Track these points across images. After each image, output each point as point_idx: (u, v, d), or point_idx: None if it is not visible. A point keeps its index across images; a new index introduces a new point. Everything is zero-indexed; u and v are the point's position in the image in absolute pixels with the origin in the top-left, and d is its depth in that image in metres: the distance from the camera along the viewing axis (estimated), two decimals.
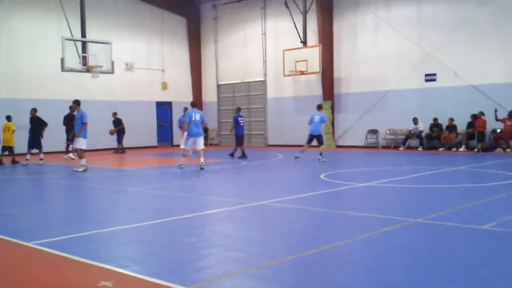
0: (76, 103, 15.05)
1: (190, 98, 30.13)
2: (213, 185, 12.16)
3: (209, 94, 30.06)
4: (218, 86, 29.55)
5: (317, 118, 16.84)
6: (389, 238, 5.99)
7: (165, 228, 6.93)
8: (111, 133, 22.38)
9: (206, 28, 30.08)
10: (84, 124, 14.58)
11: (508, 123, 19.05)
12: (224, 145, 28.13)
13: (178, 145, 22.75)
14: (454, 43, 21.09)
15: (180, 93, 29.29)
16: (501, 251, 5.36)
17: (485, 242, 5.79)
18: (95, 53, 20.81)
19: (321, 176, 12.26)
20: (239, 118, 18.90)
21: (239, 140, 18.78)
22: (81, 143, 14.68)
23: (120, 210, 8.81)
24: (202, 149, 14.84)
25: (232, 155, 18.90)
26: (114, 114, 23.42)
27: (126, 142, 23.44)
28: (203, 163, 14.54)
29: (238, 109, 19.87)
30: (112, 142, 23.57)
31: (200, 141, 14.82)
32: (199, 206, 8.68)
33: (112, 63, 21.45)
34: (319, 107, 17.64)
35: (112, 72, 21.80)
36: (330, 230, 6.70)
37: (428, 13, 21.98)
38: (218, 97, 29.61)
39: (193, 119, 14.67)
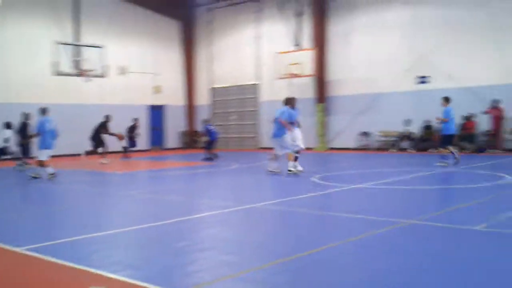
0: (41, 111, 13.58)
1: (183, 102, 30.13)
2: (204, 188, 12.12)
3: (203, 98, 30.03)
4: (212, 89, 29.53)
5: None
6: (383, 240, 5.98)
7: (156, 232, 6.89)
8: (120, 137, 21.66)
9: (200, 32, 30.06)
10: (38, 133, 13.35)
11: (494, 113, 19.21)
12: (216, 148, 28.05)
13: (171, 148, 22.71)
14: (447, 45, 21.16)
15: (173, 96, 29.28)
16: (493, 252, 5.36)
17: (477, 242, 5.79)
18: (88, 57, 20.77)
19: (313, 179, 12.26)
20: (209, 127, 20.35)
21: (211, 144, 19.99)
22: (41, 154, 13.33)
23: (110, 214, 8.77)
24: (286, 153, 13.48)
25: (210, 159, 19.47)
26: (135, 120, 23.22)
27: (116, 146, 23.21)
28: (292, 168, 13.13)
29: (206, 120, 21.27)
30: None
31: (282, 143, 13.64)
32: (191, 210, 8.65)
33: (105, 67, 21.41)
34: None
35: (105, 76, 21.75)
36: (323, 232, 6.69)
37: (421, 15, 22.05)
38: (212, 101, 29.58)
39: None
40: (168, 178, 14.69)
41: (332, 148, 24.51)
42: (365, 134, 23.73)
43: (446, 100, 14.92)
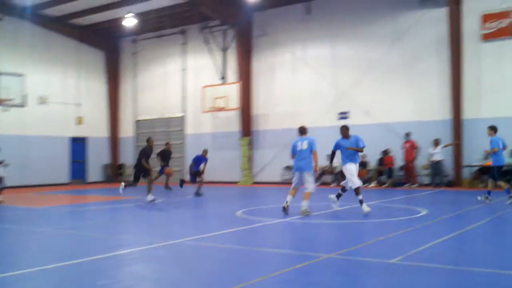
0: None
1: (107, 133, 29.45)
2: (126, 223, 11.83)
3: (127, 130, 29.55)
4: (137, 121, 29.15)
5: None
6: (301, 275, 6.06)
7: (75, 271, 6.62)
8: (169, 173, 19.28)
9: (125, 62, 29.78)
10: None
11: (407, 145, 20.16)
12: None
13: (93, 182, 22.01)
14: (366, 82, 22.21)
15: (96, 128, 28.64)
16: (406, 284, 5.56)
17: (393, 275, 5.99)
18: (6, 86, 20.00)
19: (237, 213, 12.28)
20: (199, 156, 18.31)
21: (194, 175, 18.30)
22: None
23: (25, 252, 8.34)
24: (309, 191, 11.68)
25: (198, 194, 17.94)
26: (167, 144, 20.89)
27: (36, 179, 22.24)
28: (304, 210, 11.50)
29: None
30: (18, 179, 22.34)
31: (308, 178, 11.69)
32: (112, 246, 8.40)
33: (25, 96, 20.66)
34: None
35: (24, 106, 20.96)
36: (244, 268, 6.69)
37: (340, 53, 23.07)
38: (136, 133, 29.16)
39: (299, 148, 11.84)
40: (88, 213, 14.22)
41: (257, 182, 24.72)
42: (289, 168, 24.11)
43: (493, 129, 13.59)
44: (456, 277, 5.88)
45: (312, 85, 23.74)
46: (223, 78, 25.35)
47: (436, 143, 19.62)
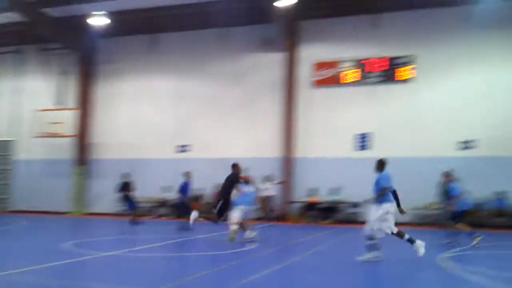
0: None
1: None
2: None
3: None
4: None
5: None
6: None
7: None
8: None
9: None
10: None
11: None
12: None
13: None
14: (208, 117, 22.75)
15: None
16: None
17: None
18: None
19: (66, 245, 11.67)
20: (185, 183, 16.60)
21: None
22: None
23: None
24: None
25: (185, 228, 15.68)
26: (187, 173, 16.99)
27: None
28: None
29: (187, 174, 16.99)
30: None
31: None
32: None
33: None
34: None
35: None
36: None
37: (185, 88, 23.42)
38: None
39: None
40: None
41: (92, 213, 23.71)
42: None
43: (448, 176, 13.18)
44: None
45: (154, 117, 23.66)
46: (61, 103, 24.16)
47: (267, 179, 20.59)
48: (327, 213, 20.46)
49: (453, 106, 19.78)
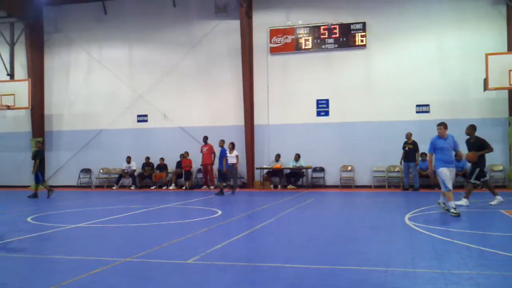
0: None
1: None
2: None
3: None
4: None
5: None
6: (98, 280, 5.96)
7: None
8: None
9: None
10: None
11: (205, 149, 20.73)
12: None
13: None
14: (163, 87, 22.48)
15: None
16: (202, 283, 5.85)
17: (189, 275, 6.23)
18: None
19: (28, 219, 11.51)
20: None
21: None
22: None
23: None
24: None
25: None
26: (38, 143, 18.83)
27: None
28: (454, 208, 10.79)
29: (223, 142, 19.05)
30: None
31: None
32: None
33: None
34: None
35: None
36: (34, 277, 6.33)
37: (138, 57, 23.00)
38: None
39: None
40: None
41: (51, 186, 23.26)
42: (87, 171, 23.29)
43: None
44: (247, 272, 6.35)
45: (108, 87, 23.21)
46: (10, 74, 23.33)
47: (231, 147, 20.66)
48: (291, 179, 20.79)
49: (406, 71, 20.17)
